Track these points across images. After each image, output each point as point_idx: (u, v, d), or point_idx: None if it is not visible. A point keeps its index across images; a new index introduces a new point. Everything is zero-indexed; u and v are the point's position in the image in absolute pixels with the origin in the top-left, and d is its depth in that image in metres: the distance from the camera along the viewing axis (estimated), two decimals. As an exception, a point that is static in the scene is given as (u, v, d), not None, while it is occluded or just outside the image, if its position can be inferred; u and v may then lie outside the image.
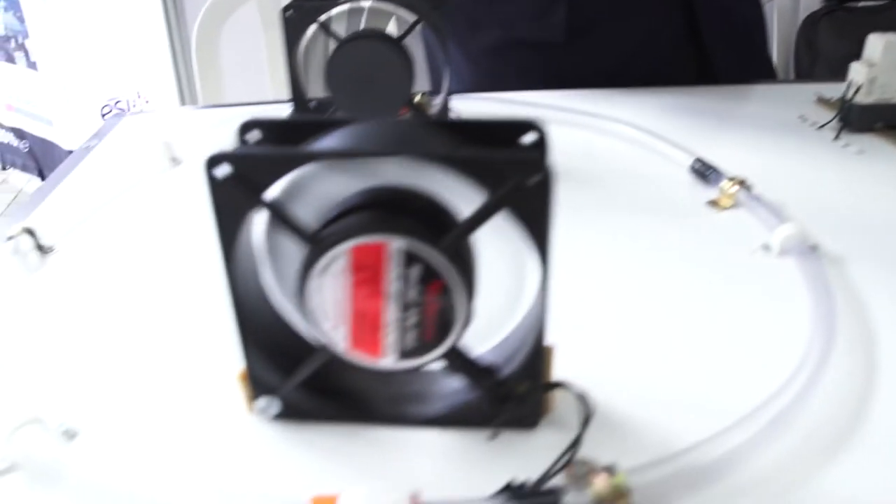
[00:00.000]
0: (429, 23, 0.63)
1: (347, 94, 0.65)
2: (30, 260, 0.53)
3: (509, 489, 0.31)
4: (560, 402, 0.36)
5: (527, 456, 0.34)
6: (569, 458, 0.32)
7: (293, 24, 0.62)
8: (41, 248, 0.54)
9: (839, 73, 0.75)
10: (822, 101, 0.82)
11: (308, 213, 0.31)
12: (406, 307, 0.32)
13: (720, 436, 0.34)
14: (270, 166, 0.30)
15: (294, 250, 0.33)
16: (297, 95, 0.66)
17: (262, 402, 0.36)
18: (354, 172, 0.32)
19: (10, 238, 0.53)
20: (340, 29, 0.64)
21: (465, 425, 0.36)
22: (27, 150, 2.51)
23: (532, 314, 0.34)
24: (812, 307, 0.44)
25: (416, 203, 0.32)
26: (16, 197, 2.53)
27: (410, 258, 0.30)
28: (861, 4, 1.52)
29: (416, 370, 0.34)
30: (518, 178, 0.29)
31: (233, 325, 0.34)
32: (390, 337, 0.33)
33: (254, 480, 0.34)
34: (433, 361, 0.33)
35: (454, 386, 0.36)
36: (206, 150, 0.29)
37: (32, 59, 2.27)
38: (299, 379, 0.35)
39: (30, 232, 0.54)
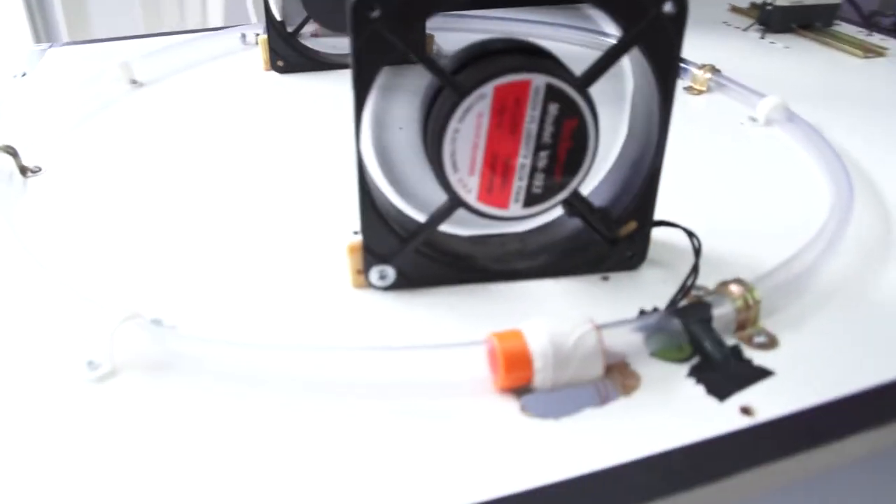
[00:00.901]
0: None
1: (323, 6, 0.64)
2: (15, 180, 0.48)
3: (644, 314, 0.33)
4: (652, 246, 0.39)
5: (642, 291, 0.36)
6: (693, 282, 0.35)
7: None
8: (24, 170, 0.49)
9: None
10: (736, 9, 0.88)
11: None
12: (539, 148, 0.33)
13: (797, 256, 0.37)
14: (421, 5, 0.29)
15: (408, 111, 0.33)
16: (269, 10, 0.63)
17: (376, 272, 0.36)
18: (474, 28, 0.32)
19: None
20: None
21: (574, 272, 0.37)
22: None
23: (632, 157, 0.36)
24: (819, 159, 0.49)
25: (537, 49, 0.33)
26: None
27: (550, 96, 0.31)
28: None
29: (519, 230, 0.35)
30: (657, 7, 0.30)
31: (356, 190, 0.33)
32: (519, 182, 0.33)
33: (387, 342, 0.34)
34: (555, 206, 0.35)
35: (557, 237, 0.38)
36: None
37: None
38: (419, 241, 0.35)
39: (11, 152, 0.49)
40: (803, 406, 0.30)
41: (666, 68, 0.32)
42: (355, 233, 0.41)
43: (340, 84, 0.65)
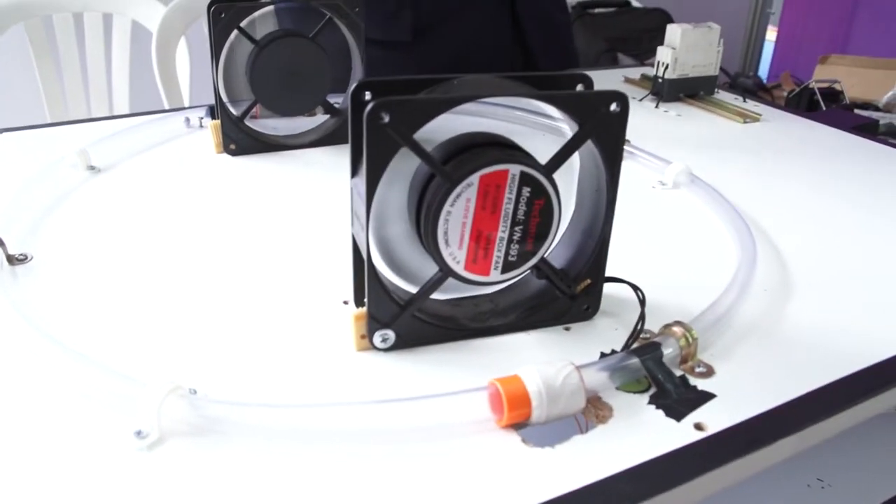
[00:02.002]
0: (343, 20, 0.69)
1: (270, 93, 0.69)
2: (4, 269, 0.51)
3: (606, 356, 0.40)
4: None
5: (599, 337, 0.44)
6: (641, 327, 0.42)
7: (222, 25, 0.65)
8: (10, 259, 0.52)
9: (595, 65, 0.95)
10: (629, 80, 1.00)
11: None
12: (514, 224, 0.39)
13: (719, 300, 0.45)
14: (423, 111, 0.36)
15: (399, 195, 0.40)
16: (219, 98, 0.68)
17: (379, 336, 0.41)
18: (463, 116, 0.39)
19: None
20: (261, 30, 0.68)
21: (540, 325, 0.44)
22: None
23: (582, 226, 0.44)
24: (722, 216, 0.58)
25: (509, 143, 0.40)
26: None
27: (524, 181, 0.38)
28: (597, 11, 1.81)
29: (492, 292, 0.41)
30: (605, 107, 0.38)
31: (365, 265, 0.39)
32: (498, 253, 0.40)
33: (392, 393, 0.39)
34: (526, 271, 0.41)
35: (523, 296, 0.44)
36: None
37: None
38: (416, 306, 0.41)
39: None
40: (743, 418, 0.37)
41: (613, 154, 0.40)
42: (345, 302, 0.46)
43: (289, 164, 0.72)
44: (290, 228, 0.58)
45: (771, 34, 2.52)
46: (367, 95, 0.39)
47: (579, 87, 0.42)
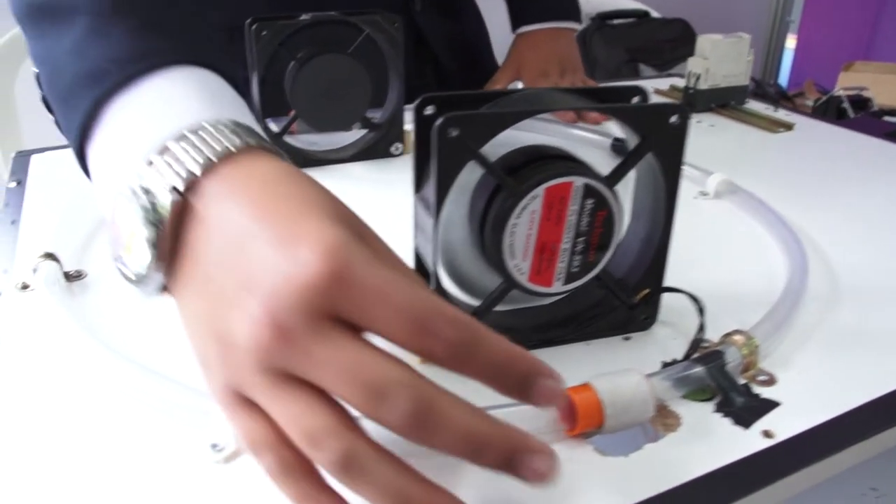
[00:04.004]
0: (382, 34, 0.70)
1: (311, 108, 0.70)
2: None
3: (668, 365, 0.40)
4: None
5: (658, 346, 0.44)
6: (702, 336, 0.43)
7: (263, 43, 0.66)
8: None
9: (617, 76, 0.94)
10: (659, 92, 1.01)
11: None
12: (577, 235, 0.40)
13: (776, 308, 0.46)
14: (491, 125, 0.37)
15: (460, 208, 0.40)
16: (259, 115, 0.70)
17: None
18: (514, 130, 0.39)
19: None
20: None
21: (599, 335, 0.44)
22: None
23: (641, 235, 0.44)
24: (767, 225, 0.59)
25: (569, 155, 0.41)
26: None
27: (587, 193, 0.39)
28: (617, 22, 1.82)
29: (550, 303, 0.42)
30: (666, 119, 0.39)
31: (431, 279, 0.40)
32: (561, 264, 0.41)
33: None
34: (587, 281, 0.42)
35: (581, 307, 0.45)
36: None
37: None
38: (482, 318, 0.41)
39: (54, 258, 0.52)
40: (810, 425, 0.37)
41: (673, 166, 0.40)
42: (403, 314, 0.47)
43: (330, 178, 0.71)
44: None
45: (790, 42, 2.52)
46: (430, 110, 0.39)
47: (635, 100, 0.42)
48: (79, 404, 0.39)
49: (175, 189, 0.31)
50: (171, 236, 0.31)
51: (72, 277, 0.53)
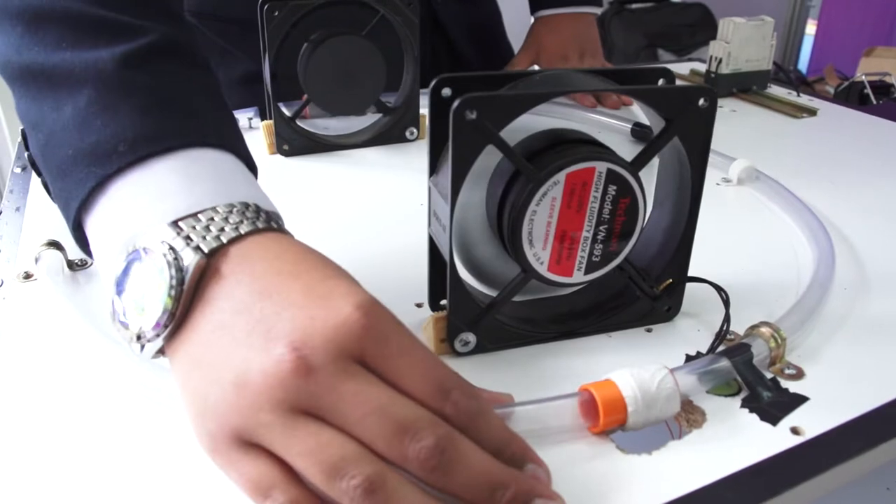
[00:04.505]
0: (399, 17, 0.68)
1: (324, 92, 0.69)
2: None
3: (692, 358, 0.39)
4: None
5: (682, 339, 0.43)
6: (727, 328, 0.41)
7: (275, 24, 0.65)
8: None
9: (636, 61, 0.92)
10: (678, 76, 0.98)
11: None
12: (599, 223, 0.38)
13: (803, 299, 0.44)
14: (510, 108, 0.35)
15: (477, 194, 0.39)
16: (271, 98, 0.68)
17: (460, 339, 0.40)
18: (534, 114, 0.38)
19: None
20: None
21: (621, 327, 0.43)
22: None
23: (664, 224, 0.43)
24: (791, 212, 0.57)
25: (591, 139, 0.39)
26: None
27: (610, 179, 0.37)
28: (636, 6, 1.79)
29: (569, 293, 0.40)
30: (694, 102, 0.37)
31: (448, 267, 0.38)
32: (582, 253, 0.39)
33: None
34: (608, 271, 0.40)
35: (602, 297, 0.43)
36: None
37: None
38: (499, 308, 0.40)
39: (59, 247, 0.51)
40: (840, 421, 0.36)
41: (701, 151, 0.39)
42: (418, 305, 0.46)
43: (344, 163, 0.71)
44: (352, 229, 0.58)
45: (810, 28, 2.48)
46: (447, 91, 0.38)
47: (661, 82, 0.41)
48: (81, 396, 0.38)
49: (200, 249, 0.31)
50: (189, 292, 0.31)
51: (76, 266, 0.52)
